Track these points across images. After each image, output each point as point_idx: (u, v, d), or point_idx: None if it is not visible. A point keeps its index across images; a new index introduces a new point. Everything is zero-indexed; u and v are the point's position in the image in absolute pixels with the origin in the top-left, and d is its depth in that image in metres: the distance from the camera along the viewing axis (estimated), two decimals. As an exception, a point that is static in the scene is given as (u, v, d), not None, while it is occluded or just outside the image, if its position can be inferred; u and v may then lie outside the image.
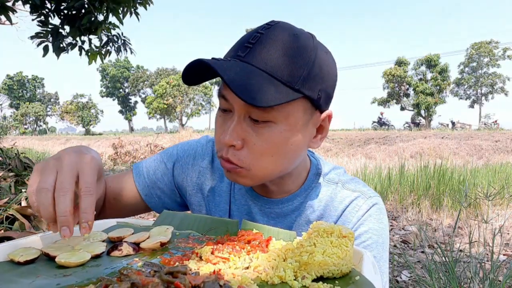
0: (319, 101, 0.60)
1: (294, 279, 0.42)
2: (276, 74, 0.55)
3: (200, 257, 0.47)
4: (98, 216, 0.79)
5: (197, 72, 0.58)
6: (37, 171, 0.50)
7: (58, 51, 3.71)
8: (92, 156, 0.54)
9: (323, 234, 0.46)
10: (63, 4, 3.68)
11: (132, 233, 0.57)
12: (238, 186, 0.76)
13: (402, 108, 38.81)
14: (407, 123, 31.26)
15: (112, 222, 0.63)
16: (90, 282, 0.40)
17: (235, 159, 0.60)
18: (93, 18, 3.66)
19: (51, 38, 3.69)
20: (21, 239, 0.52)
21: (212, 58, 0.56)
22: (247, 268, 0.45)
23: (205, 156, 0.80)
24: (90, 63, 4.12)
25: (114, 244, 0.52)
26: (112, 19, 3.87)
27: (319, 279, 0.43)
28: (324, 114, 0.64)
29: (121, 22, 3.91)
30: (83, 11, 3.69)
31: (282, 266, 0.43)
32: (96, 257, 0.49)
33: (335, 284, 0.42)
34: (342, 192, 0.72)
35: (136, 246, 0.52)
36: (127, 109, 59.24)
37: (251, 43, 0.57)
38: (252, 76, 0.54)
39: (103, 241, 0.55)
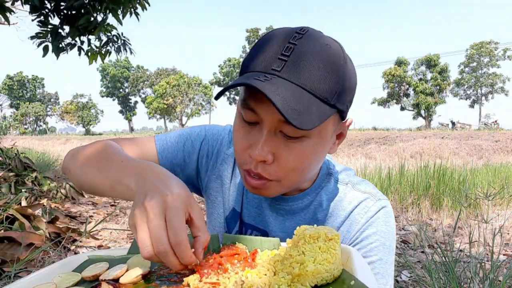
0: (346, 111, 0.61)
1: None
2: (316, 92, 0.54)
3: (188, 285, 0.43)
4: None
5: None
6: (141, 207, 0.44)
7: (58, 51, 3.71)
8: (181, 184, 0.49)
9: (310, 240, 0.44)
10: (62, 4, 3.67)
11: (108, 268, 0.50)
12: None
13: (402, 108, 38.85)
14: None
15: (82, 257, 0.55)
16: None
17: (266, 173, 0.60)
18: (92, 19, 3.65)
19: (50, 38, 3.69)
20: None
21: (254, 79, 0.53)
22: None
23: (231, 144, 0.79)
24: (90, 63, 4.12)
25: (90, 286, 0.45)
26: (111, 19, 3.86)
27: None
28: (347, 122, 0.66)
29: (120, 23, 3.90)
30: (82, 11, 3.69)
31: (276, 283, 0.41)
32: None
33: None
34: (351, 193, 0.72)
35: (116, 283, 0.46)
36: (127, 109, 59.29)
37: (286, 56, 0.54)
38: (297, 98, 0.52)
39: (77, 283, 0.47)
